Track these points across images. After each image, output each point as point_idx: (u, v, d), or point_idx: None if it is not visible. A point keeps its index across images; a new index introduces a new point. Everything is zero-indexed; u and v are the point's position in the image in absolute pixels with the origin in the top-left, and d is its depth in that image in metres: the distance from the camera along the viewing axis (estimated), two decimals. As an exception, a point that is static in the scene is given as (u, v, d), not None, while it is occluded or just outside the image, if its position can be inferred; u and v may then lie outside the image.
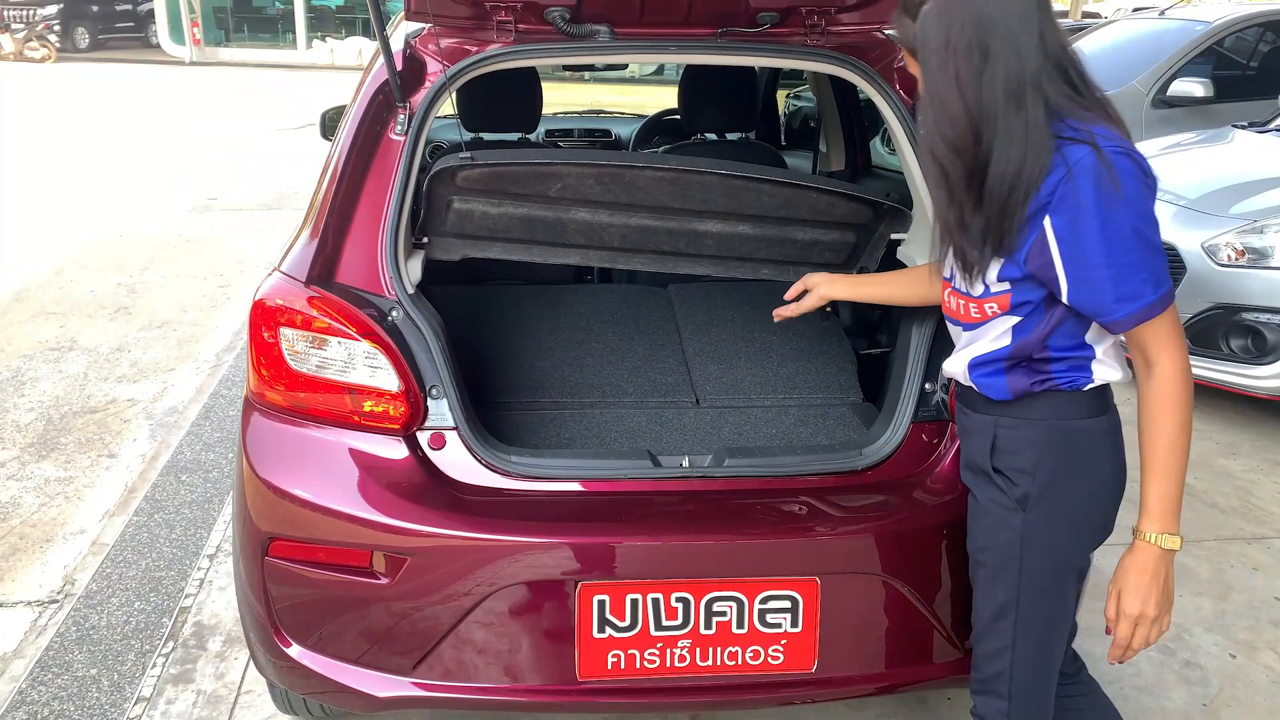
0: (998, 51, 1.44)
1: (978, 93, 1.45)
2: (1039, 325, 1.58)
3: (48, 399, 4.43)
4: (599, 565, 1.89)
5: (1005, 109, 1.44)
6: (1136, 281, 1.45)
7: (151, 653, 2.71)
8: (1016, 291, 1.57)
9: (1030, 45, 1.44)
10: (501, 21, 2.26)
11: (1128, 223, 1.43)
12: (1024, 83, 1.44)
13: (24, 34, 22.33)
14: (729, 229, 2.40)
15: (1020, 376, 1.63)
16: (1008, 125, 1.45)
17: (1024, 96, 1.44)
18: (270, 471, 1.94)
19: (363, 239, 2.08)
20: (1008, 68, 1.44)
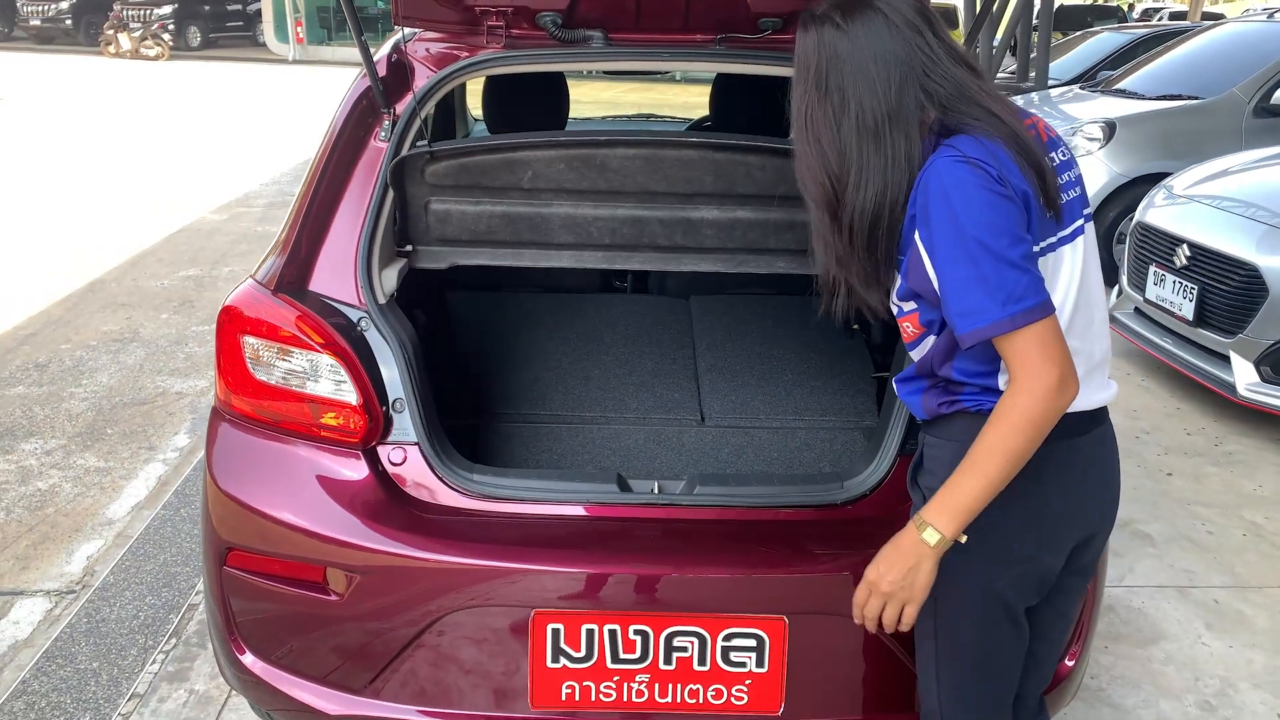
0: (850, 95, 1.43)
1: (835, 141, 1.46)
2: (937, 342, 1.53)
3: (102, 389, 4.57)
4: (553, 593, 1.82)
5: (862, 150, 1.44)
6: (977, 297, 1.36)
7: (153, 649, 2.75)
8: (922, 310, 1.53)
9: (891, 80, 1.41)
10: (492, 26, 2.22)
11: (968, 235, 1.36)
12: (882, 119, 1.42)
13: (140, 33, 23.35)
14: (726, 214, 2.28)
15: (932, 396, 1.59)
16: (866, 163, 1.44)
17: (883, 134, 1.43)
18: (229, 481, 1.92)
19: (339, 247, 2.05)
20: (862, 108, 1.42)
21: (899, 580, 1.49)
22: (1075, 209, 1.52)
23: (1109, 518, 1.65)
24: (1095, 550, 1.66)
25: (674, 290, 3.31)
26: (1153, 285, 4.80)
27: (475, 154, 2.10)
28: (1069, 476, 1.55)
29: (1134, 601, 3.14)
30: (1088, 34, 11.64)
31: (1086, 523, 1.60)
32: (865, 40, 1.41)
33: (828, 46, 1.43)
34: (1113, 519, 1.67)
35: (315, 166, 2.13)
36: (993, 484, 1.41)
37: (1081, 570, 1.68)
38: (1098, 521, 1.63)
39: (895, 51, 1.41)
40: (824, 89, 1.44)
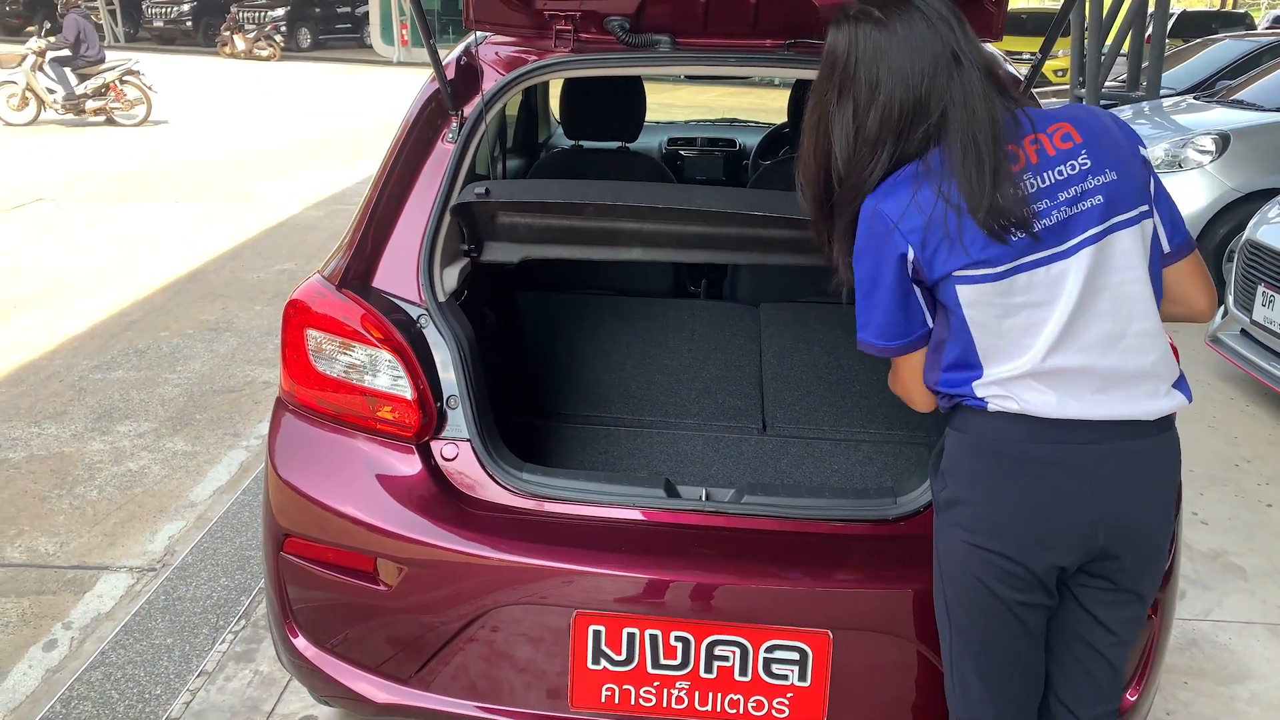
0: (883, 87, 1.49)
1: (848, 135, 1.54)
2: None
3: (195, 376, 4.76)
4: (595, 595, 1.83)
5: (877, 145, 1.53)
6: (859, 318, 1.60)
7: (224, 628, 2.85)
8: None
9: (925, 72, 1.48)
10: (561, 30, 2.23)
11: (856, 269, 1.58)
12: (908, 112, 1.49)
13: (254, 34, 24.27)
14: (799, 234, 2.24)
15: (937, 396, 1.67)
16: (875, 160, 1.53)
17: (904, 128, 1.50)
18: (288, 469, 1.98)
19: (403, 245, 2.09)
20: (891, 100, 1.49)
21: None
22: (1093, 217, 1.47)
23: (1136, 538, 1.56)
24: (1127, 570, 1.58)
25: (745, 297, 3.29)
26: (1261, 306, 4.57)
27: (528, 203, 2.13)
28: (1065, 481, 1.52)
29: (1220, 637, 2.99)
30: (1208, 41, 11.11)
31: (1101, 531, 1.54)
32: (904, 33, 1.47)
33: (867, 39, 1.49)
34: (1145, 541, 1.59)
35: (384, 166, 2.18)
36: None
37: (1120, 588, 1.61)
38: (1122, 531, 1.55)
39: (932, 45, 1.47)
40: (853, 81, 1.50)
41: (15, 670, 2.71)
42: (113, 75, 12.78)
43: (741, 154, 4.49)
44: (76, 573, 3.15)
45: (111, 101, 12.83)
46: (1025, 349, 1.50)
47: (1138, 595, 1.63)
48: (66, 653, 2.78)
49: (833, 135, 1.54)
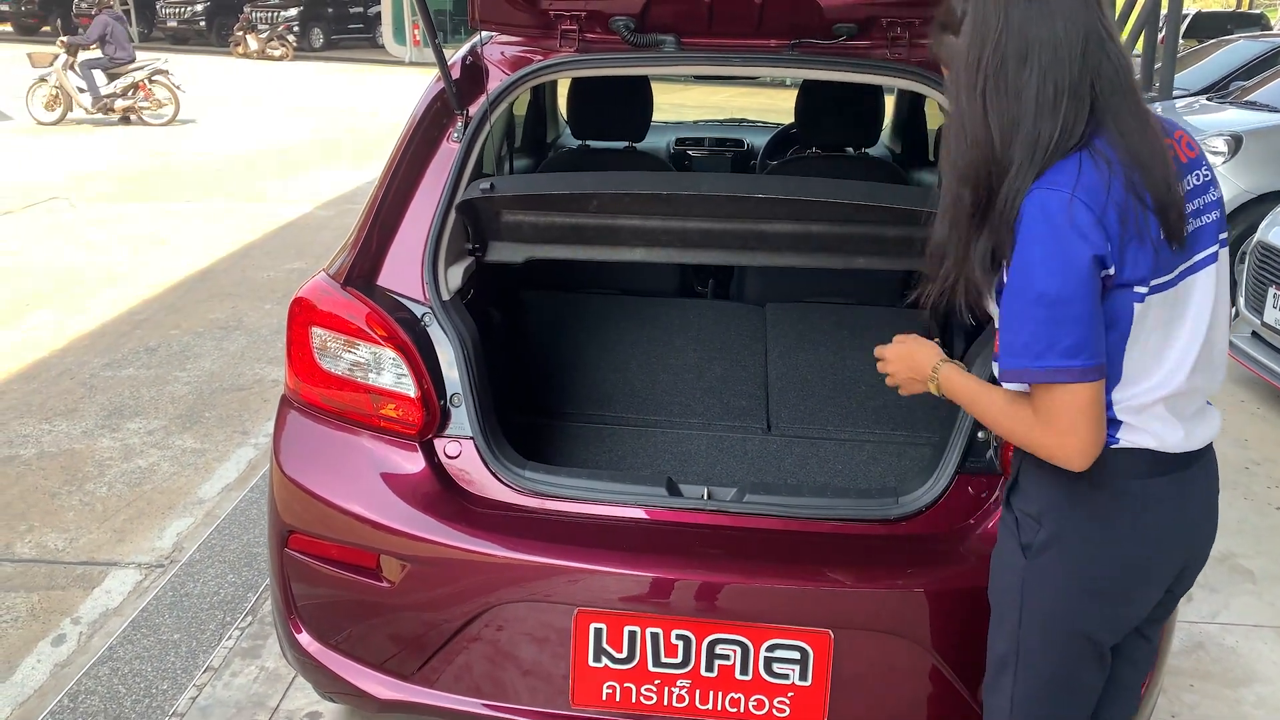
0: (1034, 61, 1.34)
1: (1001, 117, 1.35)
2: None
3: (204, 374, 4.78)
4: (596, 593, 1.83)
5: (1038, 121, 1.34)
6: (1019, 338, 1.36)
7: (230, 625, 2.86)
8: None
9: (1076, 44, 1.34)
10: (566, 30, 2.24)
11: (1026, 276, 1.34)
12: (1063, 89, 1.34)
13: (267, 34, 24.36)
14: (802, 229, 2.24)
15: None
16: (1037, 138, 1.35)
17: (1060, 105, 1.34)
18: (292, 466, 1.99)
19: (407, 243, 2.11)
20: (1045, 77, 1.33)
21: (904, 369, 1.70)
22: (1211, 233, 1.43)
23: (1208, 548, 1.58)
24: (1189, 580, 1.60)
25: (752, 297, 3.29)
26: (1272, 309, 4.54)
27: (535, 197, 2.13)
28: (1171, 511, 1.48)
29: (1227, 640, 2.98)
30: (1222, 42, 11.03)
31: (1186, 555, 1.54)
32: (1057, 3, 1.34)
33: (1017, 10, 1.34)
34: (1204, 561, 1.60)
35: (389, 165, 2.19)
36: (973, 409, 1.57)
37: (1166, 606, 1.62)
38: (1197, 552, 1.56)
39: (1081, 15, 1.34)
40: (1002, 57, 1.34)
41: (24, 664, 2.73)
42: (142, 75, 12.90)
43: (750, 154, 4.49)
44: (85, 568, 3.17)
45: (141, 101, 12.93)
46: (1157, 370, 1.41)
47: (1176, 601, 1.66)
48: (75, 648, 2.80)
49: (989, 116, 1.36)
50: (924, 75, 2.17)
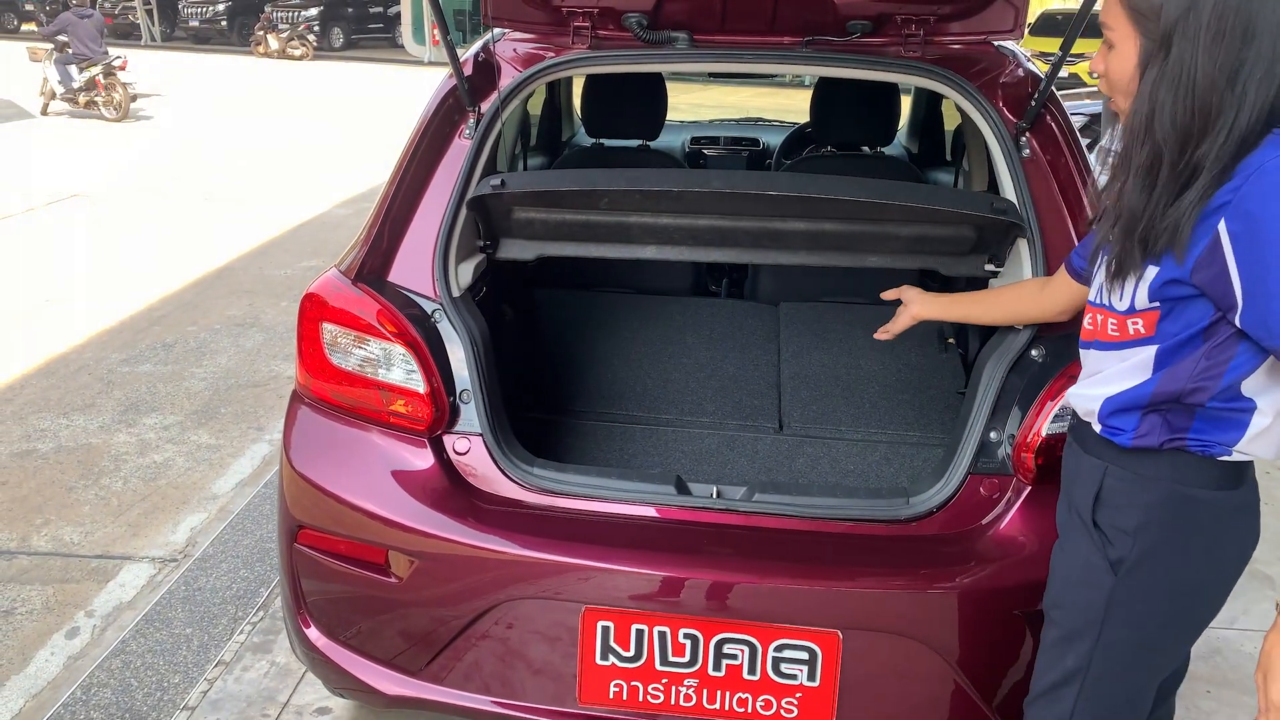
0: (1260, 43, 1.29)
1: (1224, 78, 1.29)
2: (1189, 360, 1.40)
3: (220, 370, 4.81)
4: (604, 590, 1.82)
5: (1237, 102, 1.29)
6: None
7: (242, 619, 2.87)
8: (1167, 315, 1.40)
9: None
10: (579, 27, 2.24)
11: None
12: (1268, 81, 1.29)
13: (287, 34, 24.49)
14: (815, 227, 2.22)
15: (1155, 425, 1.45)
16: (1234, 114, 1.29)
17: (1262, 95, 1.30)
18: (302, 461, 1.99)
19: (418, 240, 2.10)
20: (1260, 61, 1.29)
21: None
22: None
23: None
24: None
25: (765, 296, 3.28)
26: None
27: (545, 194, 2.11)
28: (1255, 521, 1.51)
29: (1245, 646, 2.95)
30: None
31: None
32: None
33: None
34: None
35: (400, 161, 2.19)
36: None
37: None
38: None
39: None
40: (1235, 25, 1.28)
41: (39, 656, 2.75)
42: (96, 70, 13.23)
43: (765, 153, 4.47)
44: (100, 562, 3.19)
45: (96, 95, 13.26)
46: None
47: None
48: (89, 640, 2.82)
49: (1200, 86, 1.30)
50: (939, 73, 2.15)
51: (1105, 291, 1.47)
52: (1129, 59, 1.38)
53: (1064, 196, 2.06)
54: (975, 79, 2.15)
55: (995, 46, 2.30)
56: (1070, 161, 2.09)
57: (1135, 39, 1.37)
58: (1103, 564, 1.50)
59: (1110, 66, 1.43)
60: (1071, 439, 1.63)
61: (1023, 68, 2.26)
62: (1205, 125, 1.30)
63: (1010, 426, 1.89)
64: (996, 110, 2.11)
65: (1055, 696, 1.60)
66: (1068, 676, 1.57)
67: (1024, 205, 2.03)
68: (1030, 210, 2.03)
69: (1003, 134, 2.09)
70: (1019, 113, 2.11)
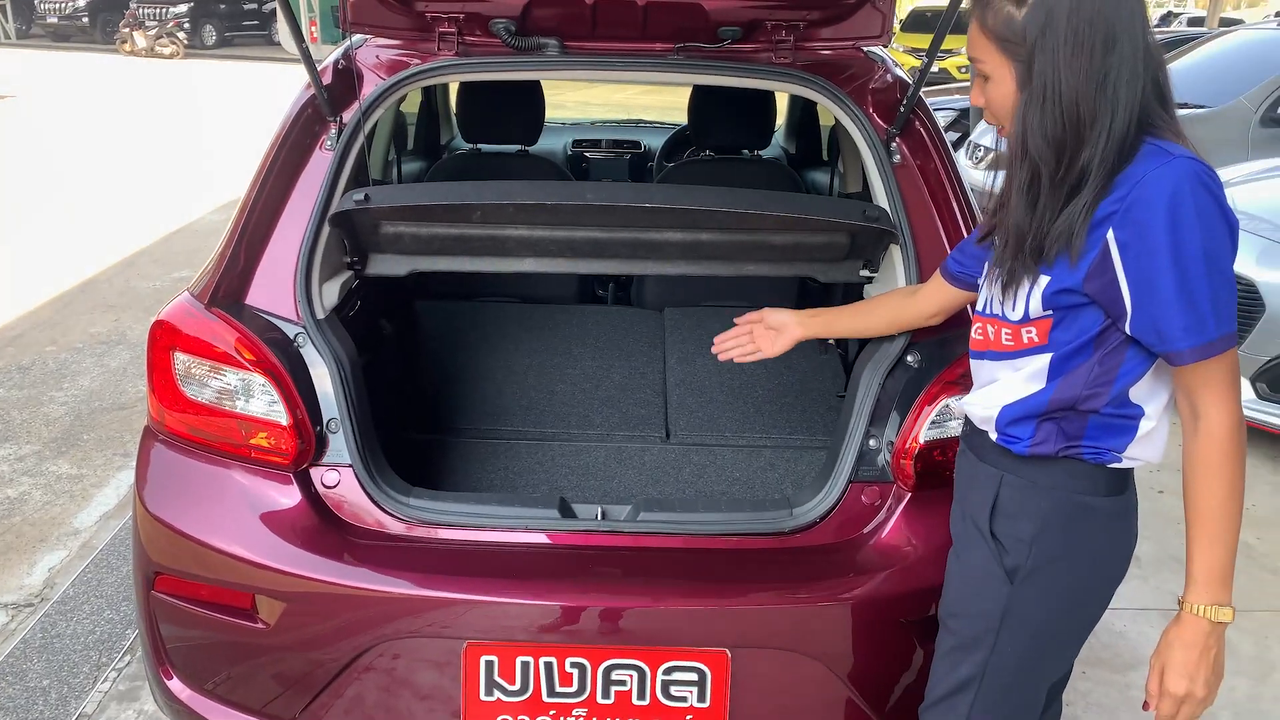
0: (1121, 47, 1.31)
1: (1093, 86, 1.31)
2: (1083, 367, 1.42)
3: (83, 393, 4.53)
4: (486, 624, 1.75)
5: (1110, 106, 1.31)
6: (1201, 312, 1.30)
7: (106, 666, 2.70)
8: (1059, 323, 1.41)
9: (1141, 48, 1.33)
10: (444, 33, 2.15)
11: (1199, 245, 1.28)
12: (1134, 82, 1.32)
13: (155, 31, 23.42)
14: (692, 237, 2.20)
15: (1050, 432, 1.46)
16: (1110, 118, 1.31)
17: (1131, 97, 1.32)
18: (157, 502, 1.86)
19: (278, 259, 1.99)
20: (1124, 65, 1.31)
21: (1210, 675, 1.39)
22: None
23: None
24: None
25: (651, 302, 3.24)
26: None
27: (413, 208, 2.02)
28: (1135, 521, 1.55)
29: (1116, 624, 3.05)
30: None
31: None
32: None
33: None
34: None
35: (256, 176, 2.07)
36: (1236, 534, 1.38)
37: None
38: None
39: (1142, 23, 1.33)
40: (1094, 37, 1.30)
41: (-125, 721, 2.53)
42: None
43: (647, 155, 4.45)
44: (-54, 611, 2.96)
45: None
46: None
47: None
48: (-68, 699, 2.61)
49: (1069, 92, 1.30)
50: (810, 80, 2.14)
51: (995, 302, 1.49)
52: (1006, 85, 1.40)
53: (934, 200, 2.08)
54: (845, 85, 2.15)
55: (864, 52, 2.31)
56: (940, 166, 2.10)
57: (1008, 65, 1.38)
58: (999, 573, 1.51)
59: (990, 98, 1.44)
60: (965, 446, 1.64)
61: (891, 73, 2.27)
62: (1079, 134, 1.31)
63: (889, 433, 1.89)
64: (867, 116, 2.12)
65: (950, 705, 1.60)
66: (962, 684, 1.58)
67: (896, 211, 2.04)
68: (902, 215, 2.04)
69: (874, 140, 2.10)
70: (889, 118, 2.12)
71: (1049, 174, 1.34)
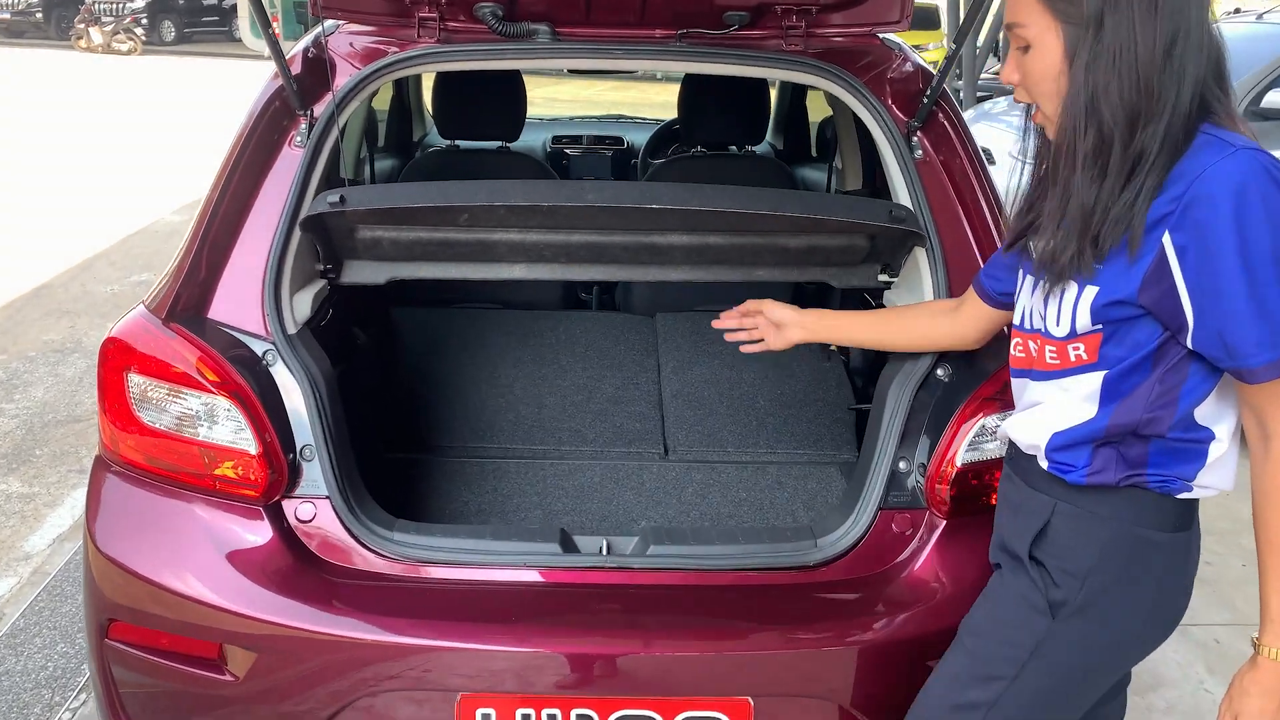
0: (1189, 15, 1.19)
1: (1162, 54, 1.18)
2: (1143, 387, 1.27)
3: (35, 405, 4.28)
4: (482, 673, 1.58)
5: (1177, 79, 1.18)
6: (1275, 322, 1.15)
7: (60, 706, 2.49)
8: (1110, 338, 1.27)
9: (1205, 20, 1.21)
10: (424, 18, 1.97)
11: (1270, 247, 1.14)
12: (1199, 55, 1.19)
13: (112, 27, 22.87)
14: (698, 240, 2.02)
15: (1110, 460, 1.31)
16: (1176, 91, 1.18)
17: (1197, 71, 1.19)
18: (110, 541, 1.67)
19: (244, 268, 1.80)
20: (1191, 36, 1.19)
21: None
22: None
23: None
24: None
25: (640, 307, 3.07)
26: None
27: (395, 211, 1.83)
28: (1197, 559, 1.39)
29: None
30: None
31: None
32: None
33: None
34: None
35: (218, 177, 1.87)
36: None
37: None
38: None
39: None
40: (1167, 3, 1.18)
41: None
42: None
43: (630, 152, 4.27)
44: (-117, 648, 2.73)
45: None
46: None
47: None
48: None
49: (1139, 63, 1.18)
50: (824, 69, 1.98)
51: (1036, 316, 1.34)
52: (1051, 53, 1.25)
53: (960, 199, 1.92)
54: (862, 74, 1.99)
55: (881, 39, 2.15)
56: (965, 162, 1.95)
57: (1056, 29, 1.24)
58: (1040, 603, 1.37)
59: (1029, 69, 1.29)
60: (1011, 471, 1.48)
61: (910, 62, 2.12)
62: (1150, 104, 1.18)
63: (920, 455, 1.73)
64: (886, 108, 1.96)
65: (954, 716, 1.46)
66: (967, 706, 1.44)
67: (920, 210, 1.89)
68: (927, 215, 1.89)
69: (894, 134, 1.94)
70: (909, 110, 1.97)
71: (1122, 141, 1.20)
